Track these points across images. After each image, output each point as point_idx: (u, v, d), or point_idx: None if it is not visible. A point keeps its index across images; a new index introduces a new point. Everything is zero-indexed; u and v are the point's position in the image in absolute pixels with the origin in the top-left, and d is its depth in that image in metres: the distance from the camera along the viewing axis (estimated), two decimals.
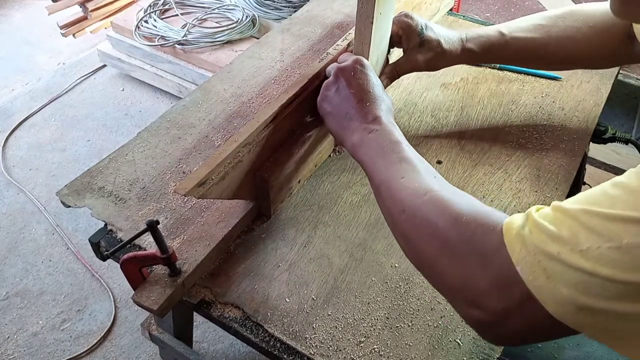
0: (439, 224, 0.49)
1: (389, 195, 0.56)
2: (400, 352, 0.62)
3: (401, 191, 0.55)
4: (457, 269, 0.46)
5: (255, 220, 0.76)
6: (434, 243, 0.49)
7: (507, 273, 0.42)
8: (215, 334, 1.36)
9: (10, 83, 2.21)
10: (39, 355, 1.33)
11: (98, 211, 0.76)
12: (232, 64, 1.02)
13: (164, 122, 0.90)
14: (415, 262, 0.53)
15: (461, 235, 0.47)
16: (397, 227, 0.55)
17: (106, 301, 1.44)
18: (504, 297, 0.43)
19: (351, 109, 0.67)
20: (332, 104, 0.70)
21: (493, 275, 0.43)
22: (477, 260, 0.45)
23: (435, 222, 0.50)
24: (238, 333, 0.64)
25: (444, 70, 1.01)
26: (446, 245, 0.48)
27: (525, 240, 0.41)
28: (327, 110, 0.71)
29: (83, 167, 1.78)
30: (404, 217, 0.53)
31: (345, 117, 0.67)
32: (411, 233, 0.52)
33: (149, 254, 0.62)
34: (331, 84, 0.71)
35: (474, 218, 0.47)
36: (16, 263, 1.53)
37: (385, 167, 0.59)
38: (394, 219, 0.55)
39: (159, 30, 1.96)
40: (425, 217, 0.51)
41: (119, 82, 2.19)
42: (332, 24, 1.13)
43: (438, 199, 0.52)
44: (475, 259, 0.45)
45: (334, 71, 0.71)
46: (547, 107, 0.95)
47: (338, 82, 0.70)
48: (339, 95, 0.69)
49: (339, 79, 0.70)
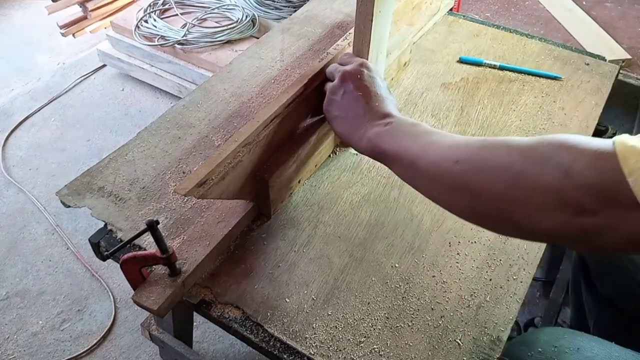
0: (507, 156, 0.49)
1: (432, 160, 0.55)
2: (400, 352, 0.62)
3: (446, 149, 0.54)
4: (545, 187, 0.46)
5: (255, 220, 0.76)
6: (504, 174, 0.48)
7: (614, 181, 0.42)
8: (215, 334, 1.36)
9: (10, 83, 2.21)
10: (39, 355, 1.33)
11: (98, 211, 0.76)
12: (232, 64, 1.02)
13: (163, 122, 0.90)
14: (481, 208, 0.52)
15: (542, 151, 0.47)
16: (451, 181, 0.53)
17: (106, 301, 1.44)
18: (608, 204, 0.43)
19: (361, 109, 0.66)
20: (341, 107, 0.69)
21: (594, 183, 0.43)
22: (561, 173, 0.45)
23: (503, 157, 0.49)
24: (238, 333, 0.64)
25: (444, 70, 1.02)
26: (526, 168, 0.47)
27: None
28: (335, 114, 0.70)
29: (83, 167, 1.78)
30: (459, 167, 0.52)
31: (356, 119, 0.67)
32: (472, 177, 0.51)
33: (149, 254, 0.62)
34: (337, 87, 0.70)
35: (539, 141, 0.48)
36: (16, 263, 1.53)
37: (415, 142, 0.58)
38: (445, 176, 0.54)
39: (158, 30, 1.96)
40: (488, 157, 0.50)
41: (119, 82, 2.19)
42: (332, 23, 1.13)
43: (493, 140, 0.51)
44: (558, 173, 0.45)
45: (339, 75, 0.70)
46: (547, 107, 0.95)
47: (344, 86, 0.69)
48: (347, 99, 0.68)
49: (345, 82, 0.69)
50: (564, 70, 1.03)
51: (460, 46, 1.08)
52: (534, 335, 0.71)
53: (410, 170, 0.59)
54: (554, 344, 0.67)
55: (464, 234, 0.74)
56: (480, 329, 0.64)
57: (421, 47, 1.07)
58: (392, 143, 0.61)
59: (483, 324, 0.64)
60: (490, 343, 0.63)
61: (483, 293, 0.67)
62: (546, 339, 0.68)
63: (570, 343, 0.67)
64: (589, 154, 0.44)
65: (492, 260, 0.71)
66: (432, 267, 0.70)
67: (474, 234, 0.74)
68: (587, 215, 0.44)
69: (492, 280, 0.69)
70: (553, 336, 0.69)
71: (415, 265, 0.70)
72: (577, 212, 0.45)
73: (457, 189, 0.54)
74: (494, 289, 0.68)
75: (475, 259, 0.71)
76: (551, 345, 0.67)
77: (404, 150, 0.59)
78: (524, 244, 0.73)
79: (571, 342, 0.67)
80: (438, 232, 0.74)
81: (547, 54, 1.07)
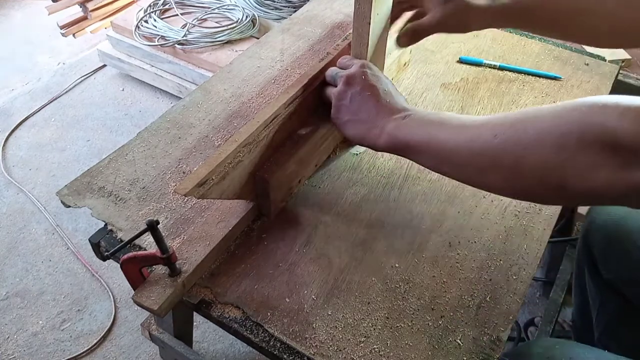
0: (549, 120, 0.49)
1: (466, 140, 0.55)
2: (400, 352, 0.62)
3: (481, 127, 0.55)
4: (591, 145, 0.46)
5: (255, 220, 0.76)
6: (548, 139, 0.49)
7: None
8: (215, 334, 1.36)
9: (10, 83, 2.21)
10: (39, 355, 1.33)
11: (98, 211, 0.76)
12: (232, 64, 1.02)
13: (164, 122, 0.90)
14: (522, 178, 0.52)
15: (584, 112, 0.47)
16: (491, 155, 0.54)
17: (106, 301, 1.44)
18: None
19: (373, 108, 0.66)
20: (351, 110, 0.68)
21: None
22: (606, 131, 0.45)
23: (545, 122, 0.50)
24: (238, 333, 0.64)
25: (444, 70, 1.02)
26: (571, 129, 0.48)
27: None
28: (345, 119, 0.69)
29: (83, 167, 1.78)
30: (498, 140, 0.52)
31: (369, 118, 0.66)
32: (514, 147, 0.51)
33: (149, 254, 0.62)
34: (343, 92, 0.69)
35: (579, 103, 0.48)
36: (16, 263, 1.53)
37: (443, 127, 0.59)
38: (484, 153, 0.54)
39: (159, 30, 1.96)
40: (527, 126, 0.51)
41: (119, 82, 2.19)
42: (332, 24, 1.13)
43: (528, 111, 0.52)
44: (602, 130, 0.45)
45: (343, 80, 0.69)
46: None
47: (350, 89, 0.68)
48: (356, 101, 0.67)
49: (351, 85, 0.68)
50: (563, 70, 1.03)
51: (460, 46, 1.08)
52: (525, 349, 0.71)
53: (441, 156, 0.59)
54: (545, 356, 0.67)
55: (464, 234, 0.74)
56: (480, 329, 0.64)
57: (421, 47, 1.07)
58: (416, 132, 0.61)
59: (483, 324, 0.64)
60: (490, 343, 0.63)
61: (483, 293, 0.68)
62: (538, 352, 0.68)
63: (562, 354, 0.67)
64: (634, 109, 0.44)
65: (492, 260, 0.71)
66: (432, 267, 0.70)
67: (474, 234, 0.74)
68: (636, 169, 0.44)
69: (492, 280, 0.69)
70: (544, 348, 0.68)
71: (415, 265, 0.70)
72: (625, 167, 0.45)
73: (496, 163, 0.54)
74: (494, 289, 0.68)
75: (475, 259, 0.71)
76: (543, 357, 0.66)
77: (432, 137, 0.59)
78: (524, 243, 0.73)
79: (563, 352, 0.67)
80: (438, 232, 0.75)
81: (547, 54, 1.07)
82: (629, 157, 0.44)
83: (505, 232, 0.74)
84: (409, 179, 0.82)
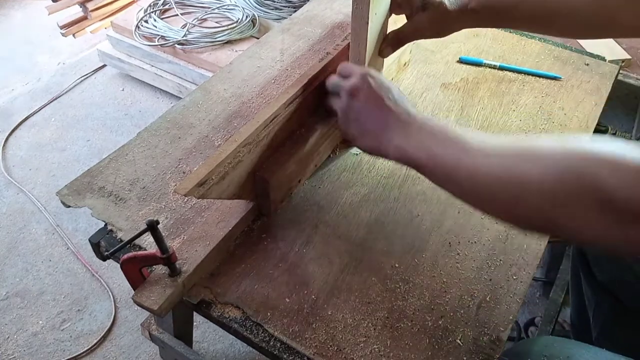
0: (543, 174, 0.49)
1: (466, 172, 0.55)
2: (400, 352, 0.62)
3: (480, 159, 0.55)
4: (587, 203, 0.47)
5: (255, 220, 0.76)
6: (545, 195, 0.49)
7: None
8: (215, 334, 1.36)
9: (10, 83, 2.21)
10: (39, 355, 1.33)
11: (98, 211, 0.76)
12: (232, 64, 1.02)
13: (164, 122, 0.90)
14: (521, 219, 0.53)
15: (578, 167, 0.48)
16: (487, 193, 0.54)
17: (106, 301, 1.44)
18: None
19: (381, 117, 0.64)
20: (359, 122, 0.66)
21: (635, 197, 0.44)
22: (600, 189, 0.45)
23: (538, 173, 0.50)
24: (238, 333, 0.64)
25: (444, 70, 1.02)
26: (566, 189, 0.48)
27: None
28: (356, 132, 0.67)
29: (83, 167, 1.78)
30: (492, 179, 0.53)
31: (377, 131, 0.64)
32: (509, 191, 0.52)
33: (149, 254, 0.62)
34: (347, 106, 0.67)
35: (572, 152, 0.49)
36: (16, 263, 1.53)
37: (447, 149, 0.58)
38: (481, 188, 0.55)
39: (159, 30, 1.96)
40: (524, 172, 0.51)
41: (119, 82, 2.19)
42: (332, 24, 1.13)
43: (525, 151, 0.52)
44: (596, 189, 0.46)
45: (346, 93, 0.67)
46: (547, 107, 0.95)
47: (354, 102, 0.67)
48: (363, 113, 0.66)
49: (355, 98, 0.67)
50: (563, 70, 1.03)
51: (460, 46, 1.08)
52: (524, 347, 0.71)
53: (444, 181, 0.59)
54: (543, 354, 0.67)
55: (464, 234, 0.74)
56: (480, 329, 0.64)
57: (421, 47, 1.07)
58: (421, 149, 0.60)
59: (483, 324, 0.64)
60: (490, 343, 0.63)
61: (483, 293, 0.68)
62: (536, 349, 0.68)
63: (560, 352, 0.67)
64: (625, 167, 0.45)
65: (492, 260, 0.71)
66: (432, 267, 0.70)
67: (474, 234, 0.74)
68: (629, 227, 0.45)
69: (492, 280, 0.69)
70: (543, 346, 0.68)
71: (415, 265, 0.70)
72: (619, 223, 0.45)
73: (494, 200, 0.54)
74: (494, 289, 0.68)
75: (475, 259, 0.71)
76: (541, 355, 0.66)
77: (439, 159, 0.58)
78: (524, 243, 0.73)
79: (561, 350, 0.67)
80: (438, 232, 0.75)
81: (547, 54, 1.07)
82: (623, 215, 0.45)
83: (505, 232, 0.74)
84: (409, 179, 0.82)
